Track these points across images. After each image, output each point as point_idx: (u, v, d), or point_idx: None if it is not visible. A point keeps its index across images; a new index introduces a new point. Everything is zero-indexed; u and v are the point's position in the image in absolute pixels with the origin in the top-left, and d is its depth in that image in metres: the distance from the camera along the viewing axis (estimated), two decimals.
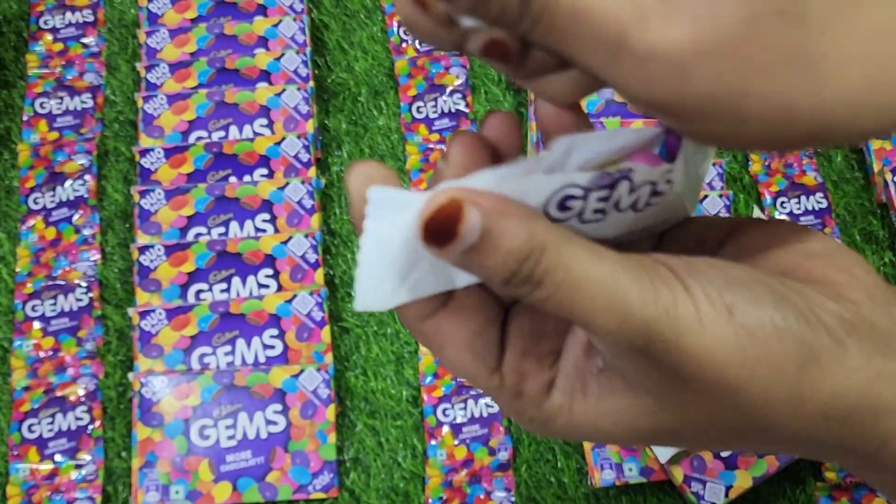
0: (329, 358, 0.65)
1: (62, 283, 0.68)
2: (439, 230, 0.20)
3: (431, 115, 0.74)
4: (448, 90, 0.75)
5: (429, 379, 0.65)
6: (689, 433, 0.24)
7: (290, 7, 0.76)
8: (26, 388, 0.65)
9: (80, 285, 0.68)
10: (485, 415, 0.64)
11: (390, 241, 0.22)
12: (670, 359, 0.21)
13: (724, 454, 0.61)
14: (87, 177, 0.72)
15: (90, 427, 0.64)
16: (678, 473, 0.60)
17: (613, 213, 0.23)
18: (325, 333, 0.65)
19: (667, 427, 0.24)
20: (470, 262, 0.21)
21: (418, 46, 0.77)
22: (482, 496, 0.62)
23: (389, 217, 0.21)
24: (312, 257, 0.67)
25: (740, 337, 0.21)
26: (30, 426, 0.64)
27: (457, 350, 0.24)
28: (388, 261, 0.22)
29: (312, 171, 0.70)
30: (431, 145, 0.73)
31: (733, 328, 0.21)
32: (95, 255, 0.69)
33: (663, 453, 0.60)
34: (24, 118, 0.74)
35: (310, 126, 0.72)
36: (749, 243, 0.26)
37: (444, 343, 0.24)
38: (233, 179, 0.70)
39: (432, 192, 0.20)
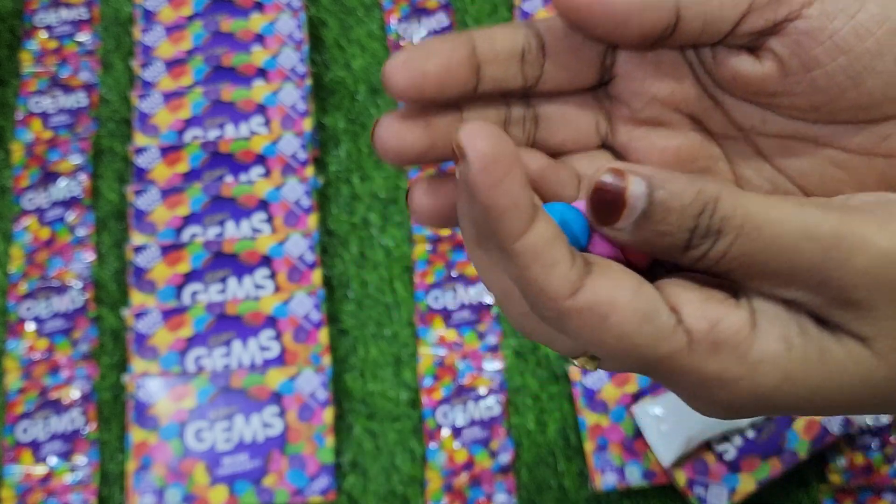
0: (327, 360, 0.64)
1: (56, 283, 0.67)
2: (605, 202, 0.20)
3: None
4: None
5: (428, 381, 0.64)
6: None
7: (288, 4, 0.76)
8: (20, 390, 0.64)
9: (74, 286, 0.67)
10: (485, 417, 0.64)
11: None
12: None
13: (728, 458, 0.60)
14: (81, 176, 0.71)
15: (85, 429, 0.63)
16: (681, 477, 0.60)
17: None
18: (323, 335, 0.64)
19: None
20: (645, 232, 0.21)
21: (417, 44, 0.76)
22: (483, 500, 0.62)
23: None
24: (310, 257, 0.66)
25: None
26: (24, 428, 0.63)
27: (623, 315, 0.20)
28: None
29: (310, 170, 0.69)
30: None
31: None
32: (90, 256, 0.68)
33: (666, 456, 0.59)
34: (19, 117, 0.73)
35: (307, 124, 0.71)
36: None
37: (606, 311, 0.20)
38: (229, 179, 0.69)
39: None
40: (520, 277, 0.21)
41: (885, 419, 0.62)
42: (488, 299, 0.67)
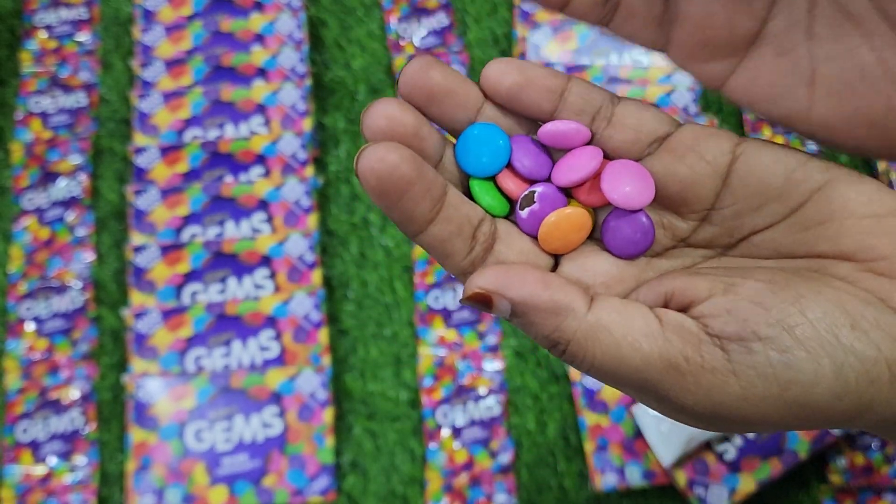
0: (326, 360, 0.64)
1: (56, 283, 0.67)
2: (477, 305, 0.23)
3: None
4: None
5: (428, 381, 0.64)
6: None
7: (288, 4, 0.75)
8: (20, 391, 0.64)
9: (74, 286, 0.67)
10: (485, 417, 0.63)
11: None
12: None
13: (728, 458, 0.60)
14: (81, 176, 0.71)
15: (85, 430, 0.63)
16: (681, 477, 0.60)
17: None
18: (323, 335, 0.64)
19: None
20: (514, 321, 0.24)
21: (417, 43, 0.76)
22: (483, 500, 0.62)
23: None
24: (310, 258, 0.66)
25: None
26: (24, 429, 0.63)
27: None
28: None
29: (310, 170, 0.69)
30: None
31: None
32: (90, 256, 0.68)
33: (667, 456, 0.59)
34: (19, 117, 0.73)
35: (307, 124, 0.71)
36: (839, 208, 0.24)
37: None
38: (229, 178, 0.69)
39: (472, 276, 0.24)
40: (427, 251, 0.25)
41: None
42: None
